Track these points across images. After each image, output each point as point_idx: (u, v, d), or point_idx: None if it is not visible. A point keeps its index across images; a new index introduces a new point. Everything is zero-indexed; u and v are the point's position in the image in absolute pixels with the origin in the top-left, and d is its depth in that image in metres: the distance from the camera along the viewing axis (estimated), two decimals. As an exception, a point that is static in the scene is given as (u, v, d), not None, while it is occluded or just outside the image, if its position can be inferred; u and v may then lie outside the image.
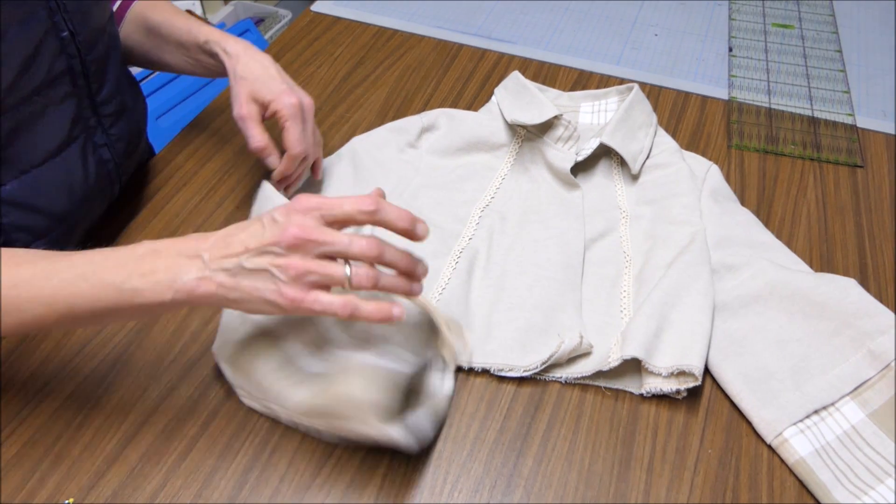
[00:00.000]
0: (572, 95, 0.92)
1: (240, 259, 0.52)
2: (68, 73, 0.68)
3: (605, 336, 0.70)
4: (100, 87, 0.73)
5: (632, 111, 0.86)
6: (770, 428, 0.64)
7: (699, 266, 0.72)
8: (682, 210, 0.79)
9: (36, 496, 0.59)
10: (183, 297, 0.53)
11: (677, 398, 0.67)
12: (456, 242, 0.78)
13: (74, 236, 0.75)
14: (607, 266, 0.77)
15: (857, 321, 0.67)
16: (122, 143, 0.78)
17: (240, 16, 2.26)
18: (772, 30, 1.15)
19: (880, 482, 0.60)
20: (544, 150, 0.85)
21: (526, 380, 0.68)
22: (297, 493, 0.60)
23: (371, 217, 0.53)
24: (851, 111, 1.00)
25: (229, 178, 0.86)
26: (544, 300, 0.72)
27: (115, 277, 0.53)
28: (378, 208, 0.52)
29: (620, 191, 0.84)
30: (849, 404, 0.64)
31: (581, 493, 0.61)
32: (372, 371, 0.58)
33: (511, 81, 0.91)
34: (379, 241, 0.52)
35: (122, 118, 0.78)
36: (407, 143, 0.88)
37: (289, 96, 0.74)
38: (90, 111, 0.73)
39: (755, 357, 0.68)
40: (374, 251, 0.52)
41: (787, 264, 0.75)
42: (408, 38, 1.10)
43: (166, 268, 0.53)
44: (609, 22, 1.16)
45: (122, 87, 0.78)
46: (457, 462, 0.62)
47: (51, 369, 0.67)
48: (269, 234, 0.51)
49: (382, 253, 0.52)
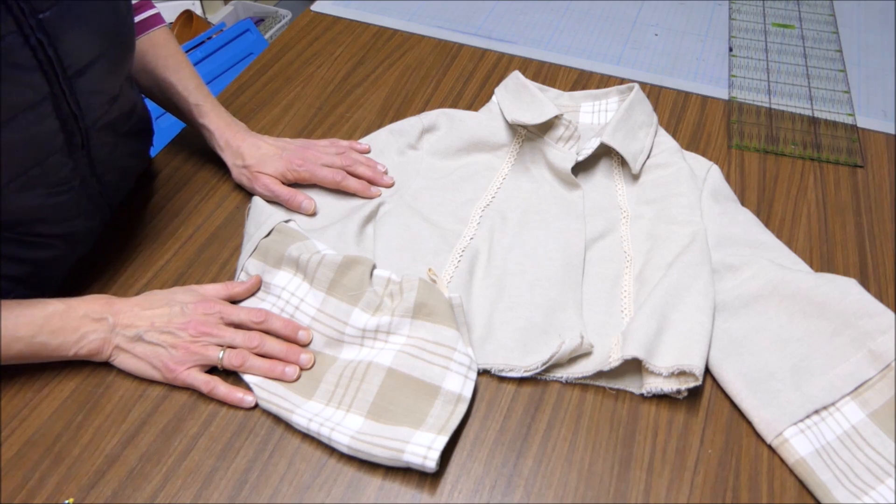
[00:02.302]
0: (573, 95, 0.92)
1: (141, 331, 0.64)
2: (66, 146, 0.65)
3: (606, 336, 0.70)
4: (101, 148, 0.70)
5: (632, 111, 0.86)
6: (770, 428, 0.64)
7: (699, 266, 0.72)
8: (682, 210, 0.79)
9: (36, 496, 0.59)
10: (84, 354, 0.65)
11: (678, 398, 0.67)
12: (458, 242, 0.78)
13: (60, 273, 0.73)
14: (608, 266, 0.77)
15: (857, 321, 0.66)
16: (119, 185, 0.78)
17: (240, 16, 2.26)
18: (772, 30, 1.15)
19: (881, 482, 0.60)
20: (545, 150, 0.85)
21: (526, 380, 0.68)
22: (297, 493, 0.60)
23: (259, 326, 0.67)
24: (851, 111, 1.00)
25: (229, 178, 0.86)
26: (545, 300, 0.72)
27: (24, 333, 0.62)
28: (265, 319, 0.67)
29: (621, 190, 0.84)
30: (849, 404, 0.64)
31: (581, 493, 0.61)
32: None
33: (511, 81, 0.91)
34: (259, 337, 0.66)
35: (122, 166, 0.77)
36: (407, 144, 0.88)
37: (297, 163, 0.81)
38: (88, 172, 0.69)
39: (755, 357, 0.68)
40: (251, 344, 0.66)
41: (788, 264, 0.75)
42: (408, 38, 1.10)
43: (73, 328, 0.64)
44: (609, 22, 1.16)
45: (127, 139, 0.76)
46: (457, 462, 0.62)
47: (51, 369, 0.67)
48: (176, 321, 0.65)
49: (261, 346, 0.66)
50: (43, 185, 0.64)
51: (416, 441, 0.59)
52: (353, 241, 0.76)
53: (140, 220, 0.82)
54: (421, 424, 0.61)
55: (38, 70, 0.58)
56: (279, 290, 0.71)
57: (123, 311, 0.65)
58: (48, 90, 0.60)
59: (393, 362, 0.65)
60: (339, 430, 0.61)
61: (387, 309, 0.67)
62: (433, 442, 0.59)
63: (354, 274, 0.69)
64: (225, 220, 0.82)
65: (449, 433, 0.60)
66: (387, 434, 0.60)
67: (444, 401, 0.63)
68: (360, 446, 0.60)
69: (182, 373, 0.64)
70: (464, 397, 0.63)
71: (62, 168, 0.65)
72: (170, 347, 0.64)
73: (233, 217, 0.82)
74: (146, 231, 0.80)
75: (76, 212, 0.70)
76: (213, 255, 0.78)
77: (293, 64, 1.04)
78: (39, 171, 0.63)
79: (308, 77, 1.02)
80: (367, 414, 0.62)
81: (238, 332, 0.66)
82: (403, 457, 0.59)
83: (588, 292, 0.74)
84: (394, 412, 0.62)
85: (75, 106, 0.63)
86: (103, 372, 0.67)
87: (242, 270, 0.73)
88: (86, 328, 0.64)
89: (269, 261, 0.72)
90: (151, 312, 0.65)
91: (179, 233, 0.80)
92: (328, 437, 0.61)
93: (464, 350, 0.65)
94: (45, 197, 0.65)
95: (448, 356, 0.65)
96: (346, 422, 0.62)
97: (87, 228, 0.74)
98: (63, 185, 0.66)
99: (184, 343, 0.64)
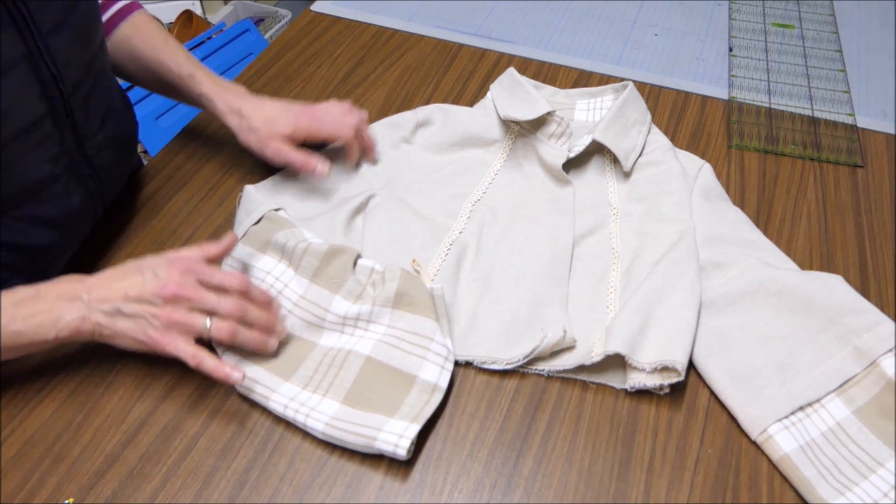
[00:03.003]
0: (568, 93, 0.93)
1: (117, 304, 0.60)
2: (49, 115, 0.65)
3: (590, 331, 0.70)
4: (85, 121, 0.71)
5: (625, 109, 0.86)
6: (755, 424, 0.64)
7: (686, 263, 0.72)
8: (671, 208, 0.79)
9: (36, 496, 0.59)
10: (66, 335, 0.61)
11: (659, 394, 0.67)
12: (446, 235, 0.79)
13: (58, 264, 0.73)
14: (595, 262, 0.77)
15: (843, 318, 0.67)
16: (109, 170, 0.76)
17: (240, 16, 2.26)
18: (772, 29, 1.15)
19: (864, 478, 0.60)
20: (537, 147, 0.85)
21: (526, 379, 0.68)
22: (297, 493, 0.60)
23: (239, 289, 0.63)
24: (851, 111, 1.00)
25: (229, 178, 0.86)
26: (530, 294, 0.73)
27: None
28: (246, 285, 0.64)
29: (612, 188, 0.84)
30: (834, 401, 0.64)
31: (581, 493, 0.61)
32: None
33: (506, 77, 0.91)
34: (242, 303, 0.63)
35: (110, 146, 0.76)
36: (401, 138, 0.89)
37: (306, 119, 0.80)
38: (74, 146, 0.70)
39: (741, 354, 0.68)
40: (238, 312, 0.62)
41: (776, 263, 0.75)
42: (408, 38, 1.10)
43: (47, 310, 0.60)
44: (609, 22, 1.16)
45: (110, 116, 0.76)
46: (457, 462, 0.62)
47: (51, 369, 0.67)
48: (150, 287, 0.61)
49: (245, 313, 0.63)
50: (32, 158, 0.64)
51: (389, 429, 0.60)
52: (341, 231, 0.77)
53: (140, 219, 0.82)
54: (395, 412, 0.62)
55: (12, 26, 0.59)
56: (263, 274, 0.72)
57: (96, 285, 0.62)
58: (24, 49, 0.61)
59: (372, 351, 0.66)
60: (314, 417, 0.62)
61: (368, 297, 0.68)
62: (405, 430, 0.60)
63: (338, 262, 0.70)
64: (225, 220, 0.82)
65: (422, 422, 0.61)
66: (361, 421, 0.61)
67: (419, 390, 0.64)
68: (334, 433, 0.61)
69: (168, 344, 0.61)
70: (439, 387, 0.64)
71: (49, 139, 0.66)
72: (151, 318, 0.61)
73: (233, 217, 0.82)
74: (146, 231, 0.80)
75: (67, 191, 0.70)
76: (213, 255, 0.78)
77: (293, 64, 1.04)
78: (27, 140, 0.63)
79: (308, 77, 1.02)
80: (344, 400, 0.63)
81: (221, 298, 0.62)
82: (376, 444, 0.60)
83: (574, 288, 0.75)
84: (369, 399, 0.63)
85: (53, 67, 0.64)
86: (103, 372, 0.67)
87: (231, 255, 0.74)
88: (60, 309, 0.60)
89: (256, 245, 0.73)
90: (125, 283, 0.61)
91: (179, 233, 0.80)
92: (303, 423, 0.62)
93: (441, 341, 0.66)
94: (35, 170, 0.65)
95: (425, 346, 0.65)
96: (321, 406, 0.63)
97: (81, 212, 0.73)
98: (52, 161, 0.67)
99: (164, 313, 0.61)
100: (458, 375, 0.68)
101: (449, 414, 0.65)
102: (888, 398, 0.63)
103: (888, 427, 0.62)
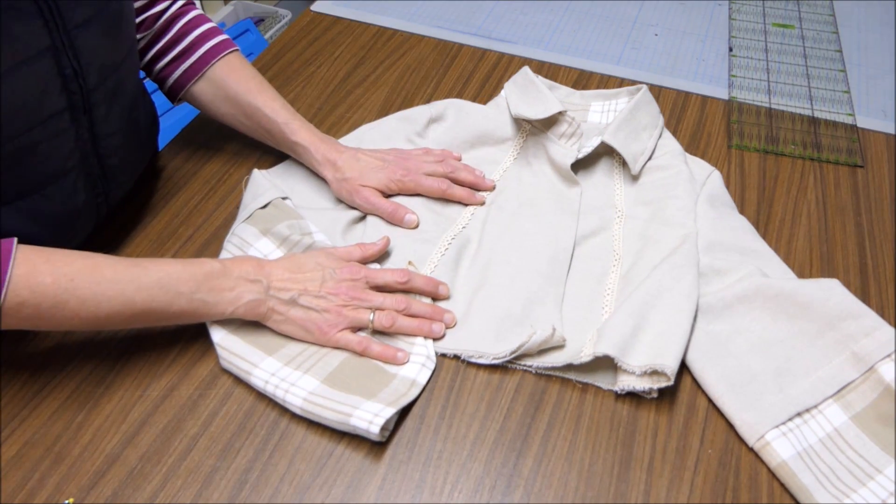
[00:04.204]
0: (584, 94, 0.93)
1: (295, 295, 0.67)
2: (69, 110, 0.66)
3: (583, 331, 0.70)
4: (104, 120, 0.71)
5: (637, 112, 0.86)
6: (752, 431, 0.63)
7: (685, 268, 0.72)
8: (676, 212, 0.79)
9: (36, 496, 0.59)
10: (241, 313, 0.66)
11: (674, 396, 0.67)
12: (449, 229, 0.79)
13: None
14: (595, 263, 0.77)
15: (840, 323, 0.66)
16: (119, 173, 0.76)
17: (240, 16, 2.26)
18: (772, 30, 1.15)
19: (862, 485, 0.59)
20: (547, 146, 0.86)
21: (526, 380, 0.68)
22: (297, 493, 0.60)
23: (403, 286, 0.71)
24: (851, 111, 1.00)
25: (229, 178, 0.86)
26: (525, 291, 0.73)
27: (186, 289, 0.63)
28: (409, 280, 0.71)
29: (619, 190, 0.84)
30: (832, 407, 0.64)
31: (581, 493, 0.61)
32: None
33: (520, 76, 0.91)
34: (405, 297, 0.70)
35: (125, 151, 0.75)
36: (415, 132, 0.89)
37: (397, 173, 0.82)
38: (89, 144, 0.70)
39: (738, 359, 0.67)
40: (402, 305, 0.70)
41: (776, 274, 0.74)
42: (408, 38, 1.10)
43: (231, 287, 0.66)
44: (609, 22, 1.16)
45: (131, 124, 0.76)
46: (457, 462, 0.62)
47: (51, 369, 0.67)
48: (328, 287, 0.68)
49: (409, 307, 0.70)
50: (45, 150, 0.65)
51: (365, 408, 0.62)
52: (340, 232, 0.78)
53: (140, 219, 0.82)
54: (373, 397, 0.63)
55: (40, 18, 0.60)
56: (260, 256, 0.72)
57: (275, 274, 0.68)
58: (49, 42, 0.61)
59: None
60: (293, 392, 0.64)
61: None
62: (380, 411, 0.61)
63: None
64: (225, 220, 0.82)
65: (397, 407, 0.62)
66: (338, 399, 0.63)
67: (398, 383, 0.66)
68: (312, 409, 0.63)
69: (335, 335, 0.67)
70: (417, 383, 0.66)
71: (65, 134, 0.66)
72: (323, 311, 0.67)
73: (233, 217, 0.82)
74: (146, 230, 0.80)
75: (74, 188, 0.70)
76: (213, 256, 0.78)
77: (293, 64, 1.04)
78: (42, 132, 0.63)
79: (308, 77, 1.02)
80: (324, 380, 0.65)
81: (386, 296, 0.70)
82: (350, 420, 0.61)
83: (571, 288, 0.75)
84: (349, 384, 0.65)
85: (76, 62, 0.64)
86: (103, 372, 0.67)
87: (234, 234, 0.75)
88: (242, 288, 0.66)
89: (259, 227, 0.74)
90: (303, 276, 0.68)
91: (179, 233, 0.80)
92: (282, 398, 0.64)
93: (423, 343, 0.69)
94: (46, 163, 0.65)
95: (407, 350, 0.68)
96: (301, 382, 0.64)
97: (84, 212, 0.72)
98: (64, 156, 0.67)
99: (335, 307, 0.67)
100: (459, 375, 0.68)
101: (449, 414, 0.65)
102: (886, 404, 0.62)
103: (886, 433, 0.62)
